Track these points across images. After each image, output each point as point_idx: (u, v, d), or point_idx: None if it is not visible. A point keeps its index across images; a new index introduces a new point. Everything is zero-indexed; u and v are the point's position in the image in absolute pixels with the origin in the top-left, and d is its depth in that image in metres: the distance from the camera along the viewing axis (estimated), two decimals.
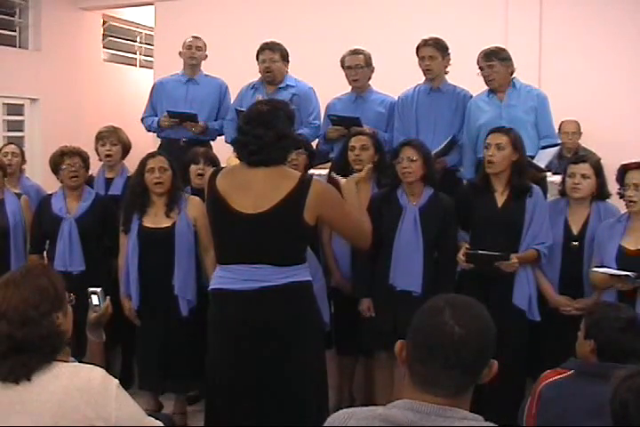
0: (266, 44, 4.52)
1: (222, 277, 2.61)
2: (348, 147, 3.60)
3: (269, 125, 2.53)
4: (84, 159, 3.83)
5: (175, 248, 3.46)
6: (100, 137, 4.16)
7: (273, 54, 4.47)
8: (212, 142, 4.84)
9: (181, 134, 4.71)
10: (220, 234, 2.69)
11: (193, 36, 4.91)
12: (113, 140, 4.13)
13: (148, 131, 4.99)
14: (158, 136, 4.93)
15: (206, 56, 4.94)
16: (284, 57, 4.53)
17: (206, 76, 4.97)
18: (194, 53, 4.85)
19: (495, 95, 3.99)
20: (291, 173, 2.60)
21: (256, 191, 2.54)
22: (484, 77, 3.96)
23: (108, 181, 4.16)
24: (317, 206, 2.52)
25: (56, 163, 3.81)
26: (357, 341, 3.47)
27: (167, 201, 3.52)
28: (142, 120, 4.96)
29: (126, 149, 4.21)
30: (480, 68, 3.95)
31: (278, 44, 4.52)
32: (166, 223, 3.50)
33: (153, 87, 5.05)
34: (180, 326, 3.47)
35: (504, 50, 4.00)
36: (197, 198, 3.61)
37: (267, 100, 2.87)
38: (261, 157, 2.54)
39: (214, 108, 4.86)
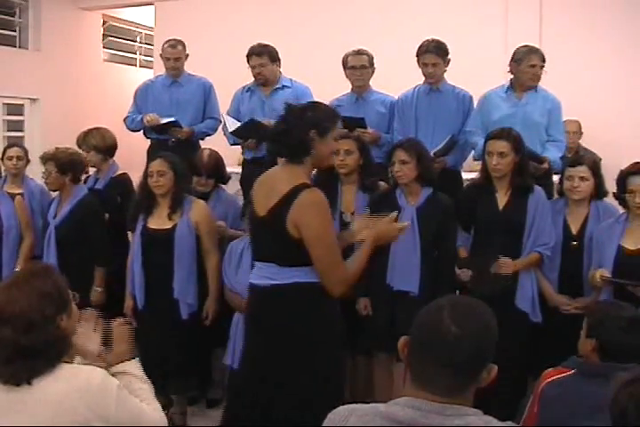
0: (252, 49, 4.47)
1: (252, 273, 2.67)
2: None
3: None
4: (61, 164, 3.79)
5: (175, 251, 3.46)
6: (78, 145, 4.24)
7: (260, 59, 4.44)
8: (201, 141, 4.83)
9: (169, 135, 4.68)
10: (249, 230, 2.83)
11: (170, 45, 4.79)
12: (84, 147, 4.19)
13: (130, 129, 4.88)
14: (147, 137, 4.88)
15: (187, 56, 4.87)
16: (274, 58, 4.48)
17: (190, 75, 4.93)
18: (175, 64, 4.80)
19: (514, 93, 3.96)
20: (293, 178, 2.50)
21: (266, 191, 2.54)
22: (534, 76, 3.86)
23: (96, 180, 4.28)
24: (297, 219, 2.41)
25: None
26: (353, 340, 3.46)
27: (170, 203, 3.52)
28: (124, 120, 4.89)
29: (102, 150, 4.18)
30: (532, 65, 3.85)
31: (265, 47, 4.47)
32: (168, 225, 3.50)
33: (136, 91, 4.98)
34: (180, 328, 3.47)
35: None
36: (203, 202, 3.62)
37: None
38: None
39: (199, 109, 4.84)
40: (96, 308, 2.88)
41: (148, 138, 4.89)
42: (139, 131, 4.87)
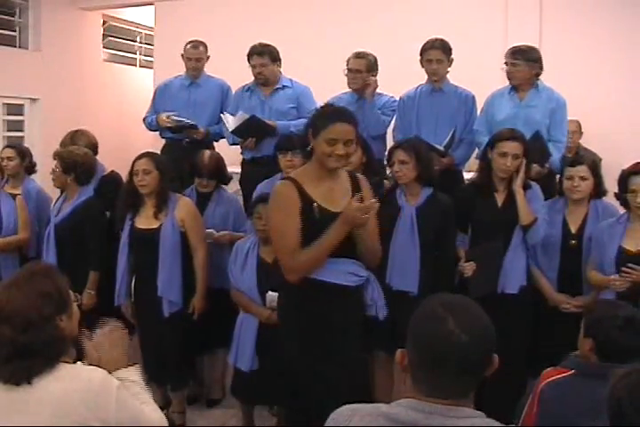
0: (253, 48, 4.48)
1: None
2: None
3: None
4: (64, 163, 3.80)
5: (159, 250, 3.47)
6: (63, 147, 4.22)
7: (262, 59, 4.45)
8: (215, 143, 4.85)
9: (184, 135, 4.71)
10: None
11: (192, 46, 4.83)
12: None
13: (149, 129, 4.98)
14: (162, 137, 4.93)
15: (208, 57, 4.92)
16: (274, 58, 4.49)
17: (209, 77, 4.96)
18: (196, 64, 4.84)
19: (516, 93, 3.95)
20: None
21: None
22: (507, 73, 3.90)
23: None
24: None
25: None
26: None
27: (156, 202, 3.52)
28: (144, 120, 4.95)
29: (91, 149, 4.17)
30: (505, 63, 3.88)
31: (266, 46, 4.48)
32: (154, 225, 3.51)
33: (156, 91, 5.04)
34: (167, 325, 3.48)
35: (534, 50, 3.93)
36: (188, 199, 3.63)
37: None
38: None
39: (216, 110, 4.84)
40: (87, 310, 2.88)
41: (163, 138, 4.92)
42: (157, 131, 4.91)
